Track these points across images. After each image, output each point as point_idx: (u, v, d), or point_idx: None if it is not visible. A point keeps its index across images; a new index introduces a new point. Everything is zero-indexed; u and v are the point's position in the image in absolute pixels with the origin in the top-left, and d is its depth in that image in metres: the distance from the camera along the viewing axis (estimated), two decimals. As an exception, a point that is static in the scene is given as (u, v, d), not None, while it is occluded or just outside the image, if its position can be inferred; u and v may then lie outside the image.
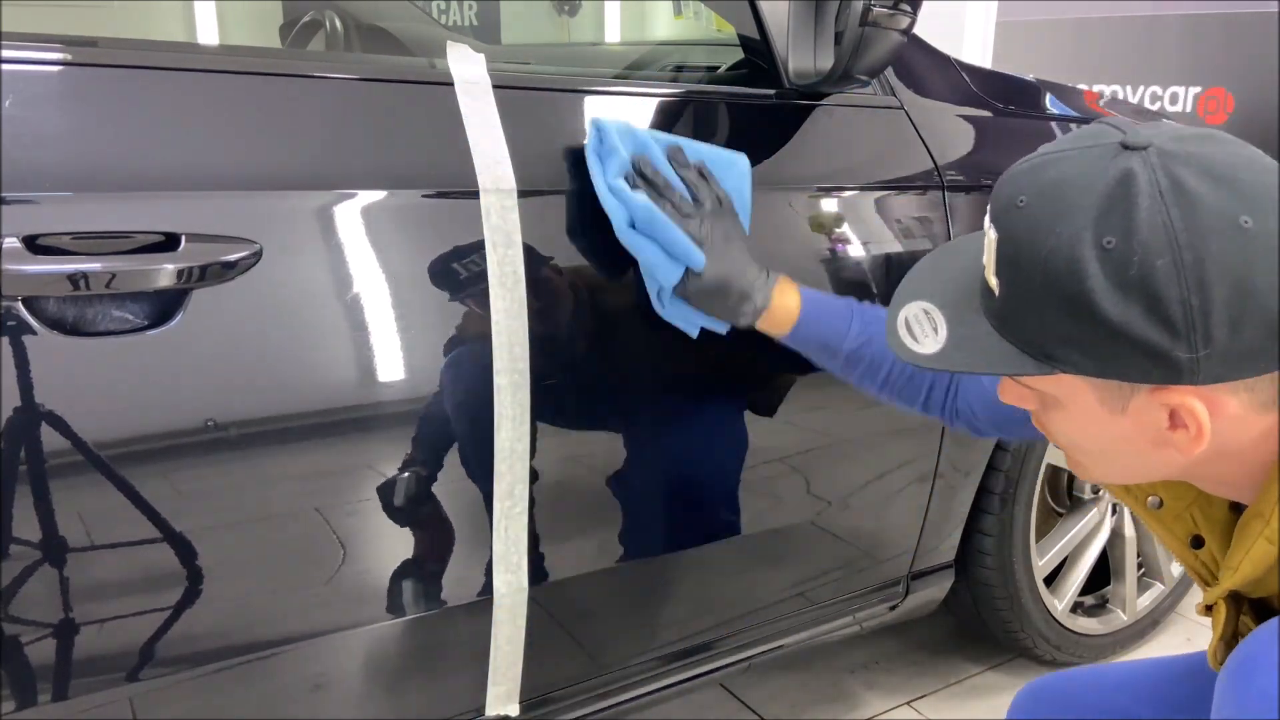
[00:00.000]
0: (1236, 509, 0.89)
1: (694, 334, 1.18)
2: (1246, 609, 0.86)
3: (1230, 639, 0.87)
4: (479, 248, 1.04)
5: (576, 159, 1.12)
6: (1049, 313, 0.72)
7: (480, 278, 1.04)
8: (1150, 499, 0.93)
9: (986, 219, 0.77)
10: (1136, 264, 0.67)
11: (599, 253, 1.15)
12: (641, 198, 1.08)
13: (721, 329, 1.18)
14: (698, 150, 1.16)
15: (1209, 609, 0.88)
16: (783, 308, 1.15)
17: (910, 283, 0.87)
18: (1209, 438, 0.73)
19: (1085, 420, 0.78)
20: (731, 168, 1.18)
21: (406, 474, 1.06)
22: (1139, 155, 0.69)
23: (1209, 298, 0.67)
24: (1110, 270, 0.68)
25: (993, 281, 0.76)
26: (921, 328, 0.82)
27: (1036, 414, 0.85)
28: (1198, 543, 0.92)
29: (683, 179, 1.13)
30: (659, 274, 1.11)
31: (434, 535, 1.12)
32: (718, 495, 1.34)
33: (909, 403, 1.17)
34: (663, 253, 1.10)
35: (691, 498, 1.32)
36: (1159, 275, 0.67)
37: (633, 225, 1.09)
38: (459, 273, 1.05)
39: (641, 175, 1.10)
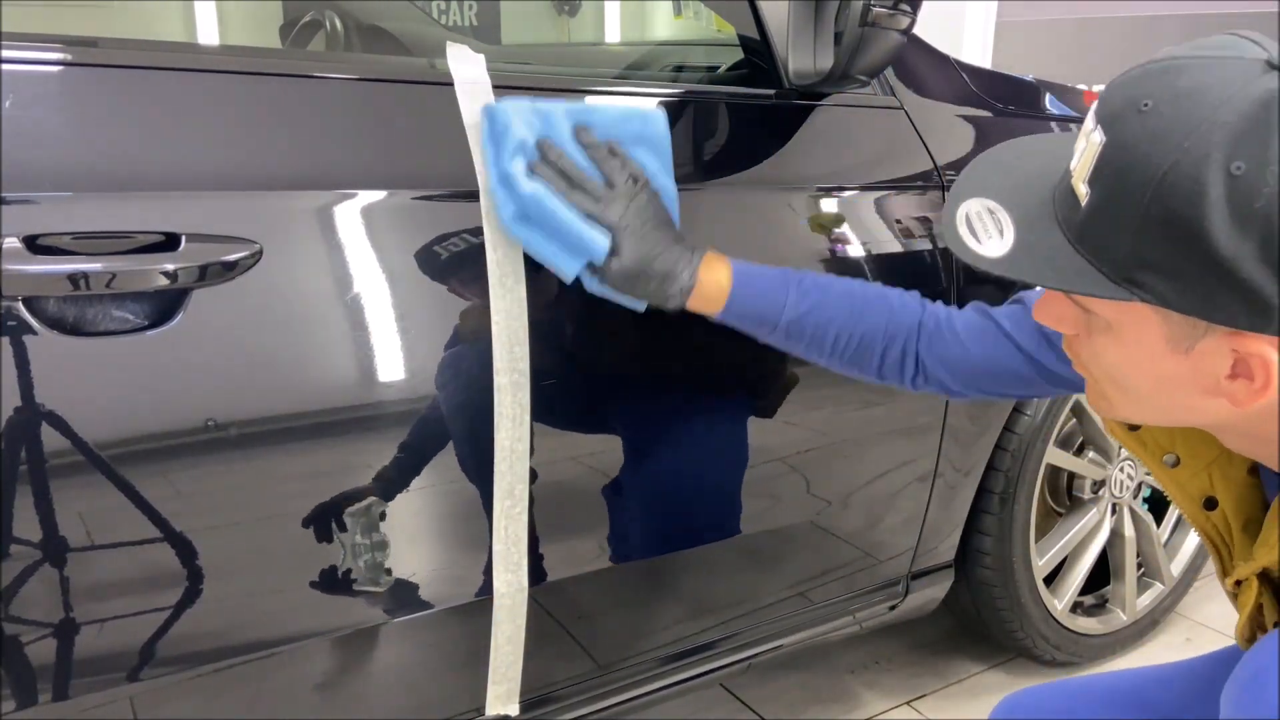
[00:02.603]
0: (1256, 471, 0.86)
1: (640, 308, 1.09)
2: (1267, 594, 0.83)
3: (1257, 615, 0.84)
4: (479, 248, 1.04)
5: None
6: (1147, 233, 0.66)
7: (480, 278, 1.04)
8: (1166, 456, 0.89)
9: (1089, 121, 0.70)
10: (1264, 197, 0.62)
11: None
12: (533, 186, 1.00)
13: (640, 307, 1.09)
14: (607, 119, 1.06)
15: (1237, 584, 0.85)
16: (712, 284, 1.06)
17: (971, 178, 0.80)
18: (1274, 391, 0.68)
19: (1139, 354, 0.73)
20: (645, 137, 1.07)
21: (406, 474, 1.06)
22: None
23: None
24: (1234, 198, 0.62)
25: (1081, 189, 0.70)
26: (984, 226, 0.75)
27: (1073, 339, 0.79)
28: (1210, 504, 0.89)
29: (593, 159, 1.04)
30: (559, 268, 1.02)
31: (434, 535, 1.12)
32: (718, 495, 1.34)
33: (861, 370, 1.10)
34: (558, 246, 1.01)
35: (691, 498, 1.33)
36: None
37: (524, 216, 1.01)
38: (459, 273, 1.05)
39: (546, 161, 1.02)
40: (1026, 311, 1.04)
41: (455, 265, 1.05)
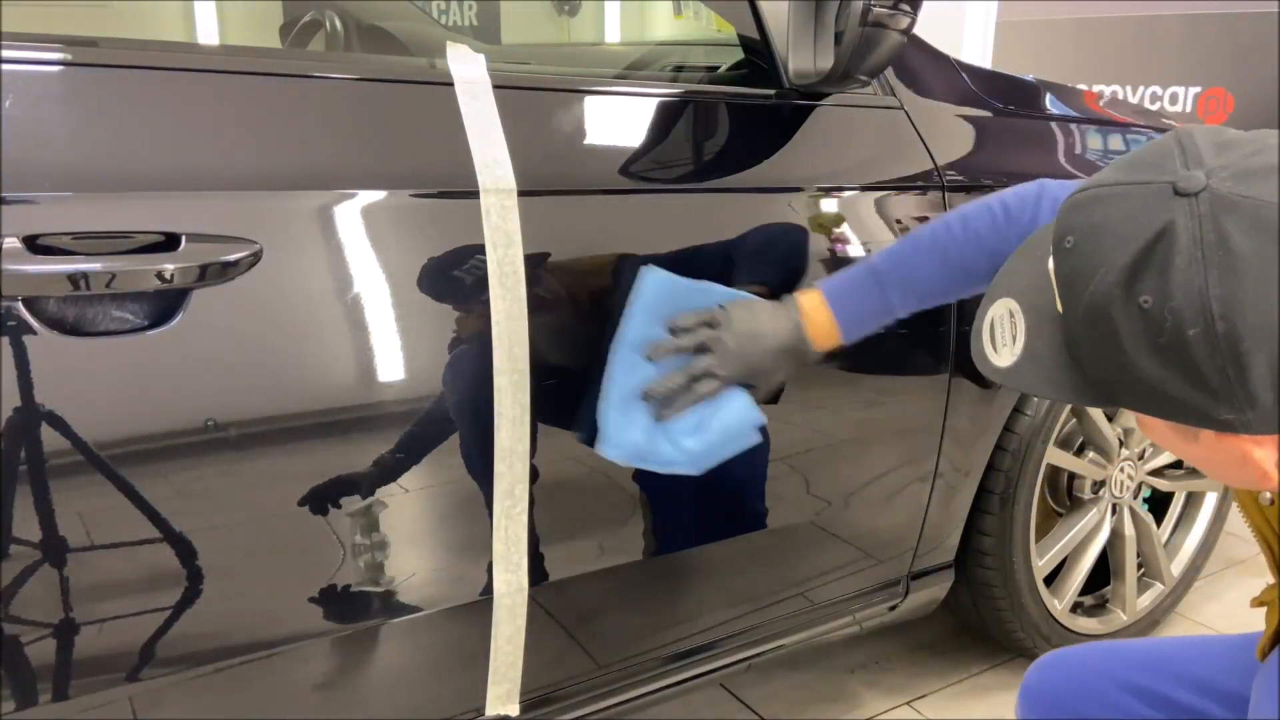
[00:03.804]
0: None
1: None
2: None
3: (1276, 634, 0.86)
4: (479, 248, 1.03)
5: (577, 158, 1.11)
6: (1098, 356, 0.70)
7: (480, 278, 1.04)
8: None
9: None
10: (1168, 331, 0.64)
11: (599, 252, 1.15)
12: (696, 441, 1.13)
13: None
14: (640, 322, 1.13)
15: (1264, 603, 0.88)
16: (823, 335, 1.14)
17: (1003, 277, 0.83)
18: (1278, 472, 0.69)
19: (1167, 440, 0.76)
20: (662, 293, 1.13)
21: (406, 474, 1.06)
22: (1187, 203, 0.64)
23: (1246, 366, 0.63)
24: (1144, 332, 0.65)
25: (1059, 306, 0.74)
26: (1003, 333, 0.79)
27: None
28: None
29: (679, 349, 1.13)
30: (751, 430, 1.15)
31: (434, 535, 1.12)
32: (718, 495, 1.34)
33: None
34: (734, 434, 1.15)
35: (692, 497, 1.32)
36: (1191, 346, 0.63)
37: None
38: (459, 273, 1.05)
39: (668, 399, 1.12)
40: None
41: (455, 265, 1.05)
